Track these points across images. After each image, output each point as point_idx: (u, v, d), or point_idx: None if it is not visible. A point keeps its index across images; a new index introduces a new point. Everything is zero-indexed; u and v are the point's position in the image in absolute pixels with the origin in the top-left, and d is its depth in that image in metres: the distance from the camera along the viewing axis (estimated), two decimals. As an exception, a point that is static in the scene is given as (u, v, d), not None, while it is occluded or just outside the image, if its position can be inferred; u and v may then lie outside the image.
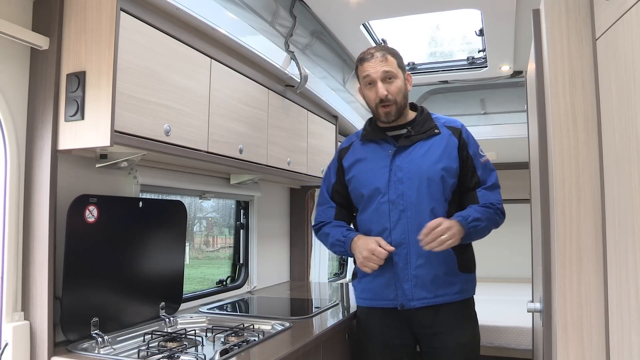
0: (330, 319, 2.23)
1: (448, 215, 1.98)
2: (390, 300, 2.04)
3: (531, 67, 1.85)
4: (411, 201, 2.00)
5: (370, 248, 1.94)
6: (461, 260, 2.04)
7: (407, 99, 2.10)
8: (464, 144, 2.06)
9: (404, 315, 2.04)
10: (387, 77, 2.02)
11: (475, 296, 2.15)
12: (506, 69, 3.60)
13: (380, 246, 1.94)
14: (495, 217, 2.01)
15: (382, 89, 2.01)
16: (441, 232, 1.83)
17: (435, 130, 2.07)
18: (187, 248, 2.46)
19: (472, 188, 2.05)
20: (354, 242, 2.03)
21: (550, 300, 1.50)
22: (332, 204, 2.21)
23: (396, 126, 2.11)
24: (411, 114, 2.14)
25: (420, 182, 2.01)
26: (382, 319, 2.09)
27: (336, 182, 2.21)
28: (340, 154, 2.22)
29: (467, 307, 2.08)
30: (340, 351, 2.21)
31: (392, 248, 1.96)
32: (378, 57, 2.02)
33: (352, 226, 2.23)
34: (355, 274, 2.19)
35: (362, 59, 2.06)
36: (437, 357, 2.04)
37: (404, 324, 2.06)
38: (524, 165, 2.54)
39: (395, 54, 2.07)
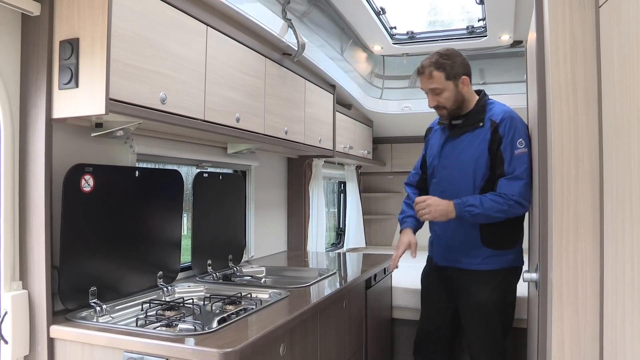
0: (327, 288, 2.24)
1: None
2: (434, 256, 2.54)
3: (532, 36, 1.82)
4: (448, 186, 2.37)
5: (401, 245, 2.42)
6: (484, 237, 2.31)
7: (459, 101, 2.33)
8: (497, 139, 2.25)
9: (440, 269, 2.50)
10: (435, 92, 2.31)
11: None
12: (506, 38, 3.55)
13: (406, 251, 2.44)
14: (503, 207, 2.18)
15: (431, 101, 2.35)
16: (420, 207, 2.26)
17: (480, 124, 2.32)
18: (184, 219, 2.47)
19: (497, 177, 2.25)
20: (403, 231, 2.49)
21: (546, 269, 1.51)
22: (419, 171, 2.66)
23: (459, 115, 2.38)
24: (472, 104, 2.37)
25: (457, 171, 2.35)
26: (431, 267, 2.60)
27: (424, 155, 2.63)
28: (427, 132, 2.64)
29: (488, 276, 2.32)
30: (337, 320, 2.23)
31: (414, 255, 2.39)
32: (425, 75, 2.32)
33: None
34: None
35: (417, 72, 2.40)
36: (462, 309, 2.42)
37: (442, 275, 2.50)
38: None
39: (442, 67, 2.29)
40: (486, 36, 3.55)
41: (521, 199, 2.17)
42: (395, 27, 3.66)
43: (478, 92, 2.41)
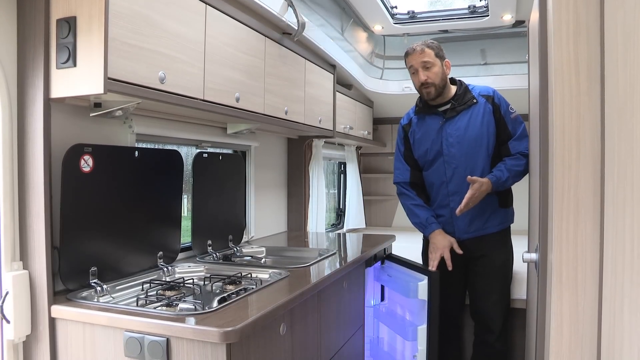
0: (328, 268, 2.25)
1: (491, 164, 2.57)
2: (449, 233, 2.64)
3: (534, 15, 1.80)
4: (461, 160, 2.57)
5: (443, 248, 2.57)
6: (501, 199, 2.63)
7: (445, 80, 2.58)
8: (497, 107, 2.57)
9: (460, 243, 2.62)
10: (426, 66, 2.53)
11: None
12: (508, 18, 3.52)
13: (452, 249, 2.58)
14: (524, 166, 2.48)
15: (422, 74, 2.53)
16: (474, 202, 2.43)
17: (474, 100, 2.59)
18: (184, 200, 2.47)
19: (505, 141, 2.57)
20: (434, 234, 2.62)
21: (546, 250, 1.51)
22: (407, 167, 2.76)
23: (443, 103, 2.61)
24: (452, 89, 2.64)
25: (467, 145, 2.56)
26: None
27: (406, 149, 2.77)
28: (405, 128, 2.78)
29: (504, 235, 2.68)
30: (337, 299, 2.24)
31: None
32: (417, 51, 2.54)
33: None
34: None
35: (406, 53, 2.61)
36: (480, 274, 2.67)
37: (461, 249, 2.63)
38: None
39: (432, 47, 2.55)
40: (488, 16, 3.52)
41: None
42: (396, 7, 3.63)
43: (452, 80, 2.66)
